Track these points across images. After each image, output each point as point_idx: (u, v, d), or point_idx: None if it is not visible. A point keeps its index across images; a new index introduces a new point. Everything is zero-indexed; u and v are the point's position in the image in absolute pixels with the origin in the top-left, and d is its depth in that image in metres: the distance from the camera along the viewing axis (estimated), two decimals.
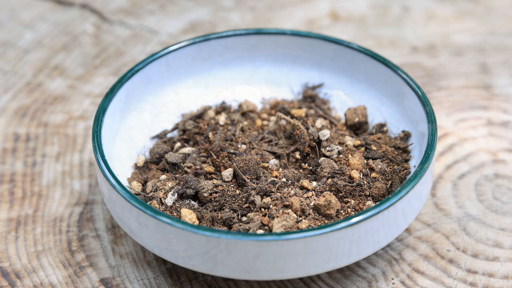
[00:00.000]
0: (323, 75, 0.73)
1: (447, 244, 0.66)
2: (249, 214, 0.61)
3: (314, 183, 0.63)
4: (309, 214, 0.61)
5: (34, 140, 0.76)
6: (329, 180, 0.63)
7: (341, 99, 0.73)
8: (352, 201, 0.62)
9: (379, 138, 0.67)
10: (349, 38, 0.86)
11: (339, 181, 0.62)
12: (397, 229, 0.60)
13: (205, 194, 0.63)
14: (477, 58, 0.84)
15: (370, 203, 0.62)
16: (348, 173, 0.63)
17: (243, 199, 0.62)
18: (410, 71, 0.82)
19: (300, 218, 0.60)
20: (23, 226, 0.68)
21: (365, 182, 0.63)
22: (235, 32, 0.73)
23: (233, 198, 0.62)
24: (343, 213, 0.61)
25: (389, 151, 0.66)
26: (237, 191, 0.63)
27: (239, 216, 0.61)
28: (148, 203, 0.63)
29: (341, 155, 0.65)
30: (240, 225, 0.60)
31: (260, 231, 0.59)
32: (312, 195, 0.62)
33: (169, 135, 0.71)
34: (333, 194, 0.62)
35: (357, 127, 0.69)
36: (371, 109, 0.71)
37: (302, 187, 0.63)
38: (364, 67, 0.71)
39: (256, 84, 0.74)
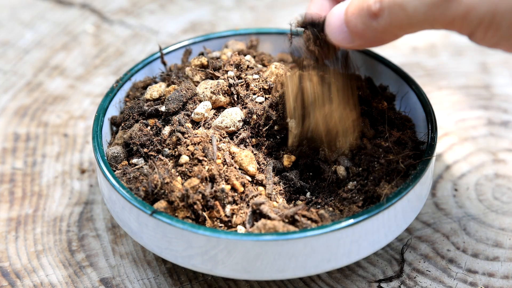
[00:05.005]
0: None
1: (447, 244, 0.66)
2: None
3: None
4: None
5: (34, 140, 0.76)
6: None
7: None
8: None
9: None
10: None
11: None
12: (397, 229, 0.60)
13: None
14: (477, 58, 0.84)
15: None
16: None
17: None
18: (410, 71, 0.82)
19: None
20: (23, 226, 0.68)
21: None
22: (235, 32, 0.73)
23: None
24: None
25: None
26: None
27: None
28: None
29: None
30: None
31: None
32: None
33: None
34: None
35: None
36: None
37: None
38: (364, 67, 0.71)
39: None
